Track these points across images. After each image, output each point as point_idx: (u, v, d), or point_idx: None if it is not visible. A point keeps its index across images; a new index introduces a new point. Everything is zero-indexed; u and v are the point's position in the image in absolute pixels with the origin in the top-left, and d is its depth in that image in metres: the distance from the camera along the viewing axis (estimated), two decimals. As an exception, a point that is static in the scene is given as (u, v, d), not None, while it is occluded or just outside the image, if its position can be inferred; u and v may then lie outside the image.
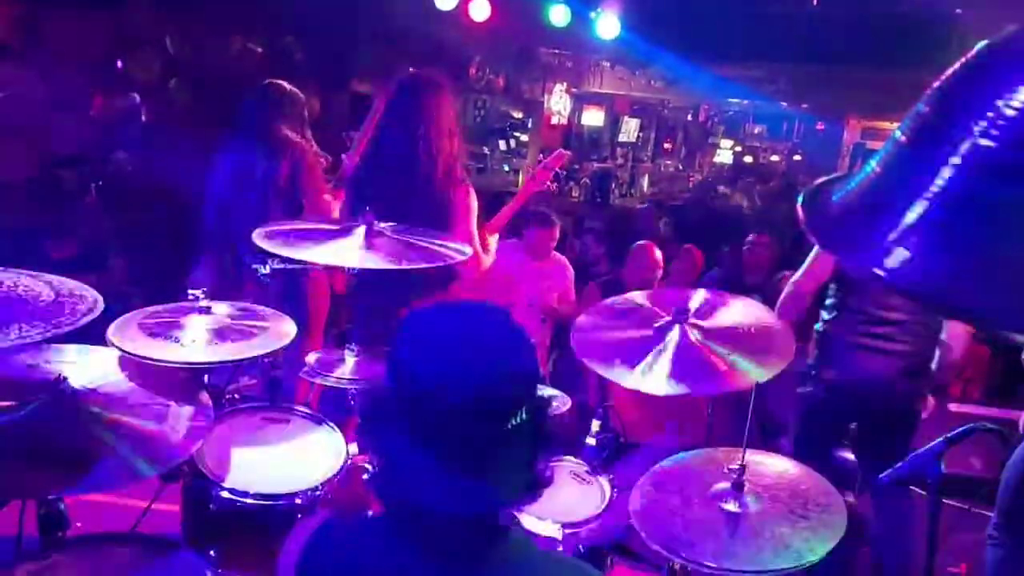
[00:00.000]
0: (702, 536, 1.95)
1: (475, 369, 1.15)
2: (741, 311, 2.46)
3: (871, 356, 3.29)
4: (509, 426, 1.16)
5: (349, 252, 2.42)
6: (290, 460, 2.33)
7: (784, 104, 11.07)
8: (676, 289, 2.75)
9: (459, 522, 1.18)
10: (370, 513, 1.35)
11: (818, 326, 3.47)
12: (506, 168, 10.21)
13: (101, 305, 1.91)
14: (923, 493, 2.40)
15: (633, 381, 2.21)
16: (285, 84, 3.96)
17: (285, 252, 2.43)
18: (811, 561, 1.87)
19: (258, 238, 2.48)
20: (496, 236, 3.55)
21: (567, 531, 2.19)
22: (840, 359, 3.34)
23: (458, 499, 1.16)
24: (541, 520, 2.21)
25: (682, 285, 5.02)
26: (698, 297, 2.50)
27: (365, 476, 2.33)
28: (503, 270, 4.45)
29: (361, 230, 2.50)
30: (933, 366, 3.38)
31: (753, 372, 2.20)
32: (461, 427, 1.14)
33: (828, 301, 3.45)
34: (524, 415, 1.17)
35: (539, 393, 1.22)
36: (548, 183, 3.96)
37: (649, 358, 2.26)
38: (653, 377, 2.21)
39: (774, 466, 2.21)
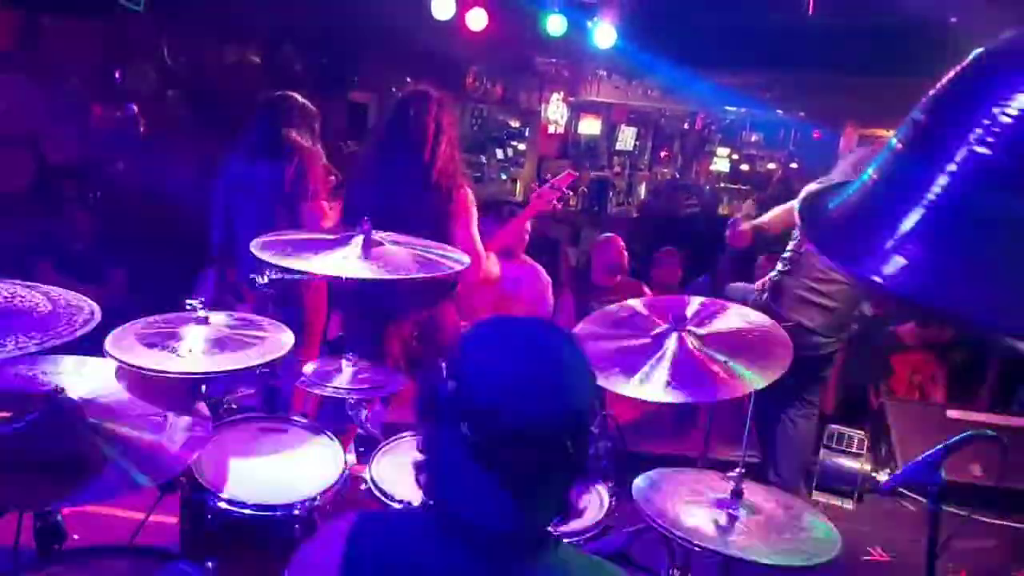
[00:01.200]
0: (708, 534, 1.95)
1: (540, 396, 1.16)
2: (738, 318, 2.46)
3: (811, 308, 3.69)
4: (560, 454, 1.17)
5: (347, 263, 2.42)
6: (288, 470, 2.33)
7: (781, 112, 11.08)
8: (672, 297, 2.74)
9: (497, 533, 1.19)
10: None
11: (773, 274, 3.87)
12: (503, 177, 10.22)
13: (99, 316, 1.91)
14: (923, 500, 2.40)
15: (631, 390, 2.21)
16: (298, 96, 3.96)
17: (283, 263, 2.43)
18: (823, 561, 1.87)
19: (256, 248, 2.48)
20: (493, 256, 3.55)
21: (566, 540, 2.18)
22: (786, 307, 3.72)
23: (497, 516, 1.18)
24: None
25: (664, 290, 5.04)
26: (694, 304, 2.50)
27: (363, 487, 2.33)
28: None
29: (359, 239, 2.50)
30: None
31: (751, 378, 2.20)
32: (514, 448, 1.15)
33: (786, 254, 3.84)
34: (574, 445, 1.18)
35: (592, 419, 1.23)
36: (554, 202, 3.97)
37: (647, 367, 2.26)
38: (651, 385, 2.21)
39: (760, 489, 2.22)
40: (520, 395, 1.16)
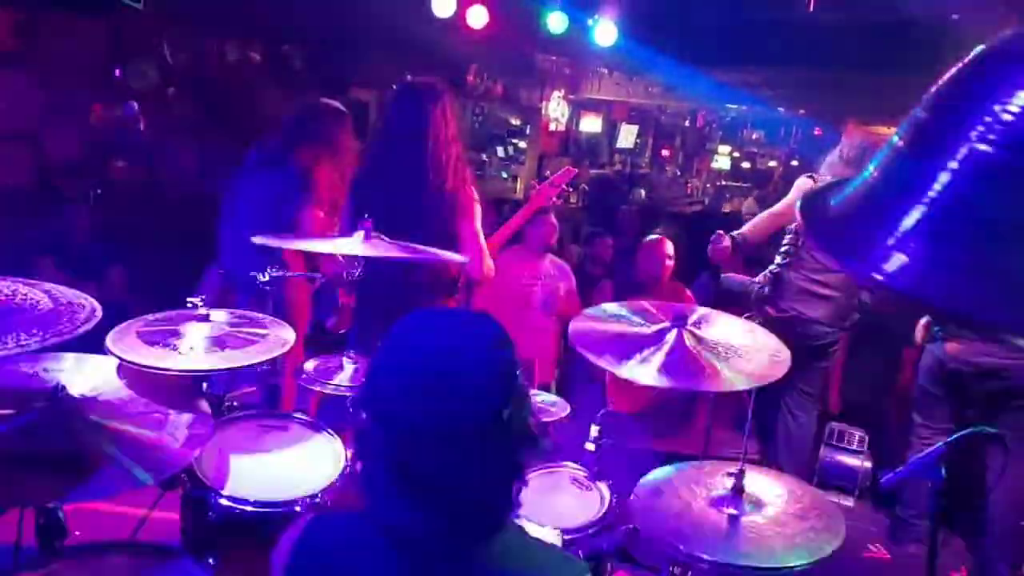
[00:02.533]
0: (710, 539, 1.95)
1: (438, 395, 1.12)
2: (739, 331, 2.46)
3: (813, 299, 3.82)
4: (466, 452, 1.14)
5: (349, 246, 2.43)
6: (289, 467, 2.33)
7: (782, 109, 11.08)
8: (681, 304, 2.77)
9: (417, 536, 1.17)
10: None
11: (773, 266, 3.99)
12: (504, 175, 10.22)
13: (99, 313, 1.91)
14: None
15: (626, 371, 2.23)
16: (331, 102, 3.96)
17: (285, 245, 2.45)
18: (824, 556, 1.88)
19: (257, 239, 2.49)
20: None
21: (567, 537, 2.18)
22: (787, 298, 3.87)
23: (409, 519, 1.16)
24: (541, 527, 2.20)
25: (649, 276, 5.03)
26: (699, 311, 2.52)
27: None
28: (515, 277, 4.46)
29: (360, 235, 2.50)
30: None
31: (739, 381, 2.23)
32: (417, 450, 1.14)
33: (783, 248, 3.96)
34: (487, 441, 1.14)
35: (508, 419, 1.15)
36: (553, 199, 3.96)
37: (643, 353, 2.29)
38: (644, 369, 2.24)
39: (766, 478, 2.22)
40: (417, 394, 1.12)
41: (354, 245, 2.43)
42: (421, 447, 1.14)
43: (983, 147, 0.73)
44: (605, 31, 7.07)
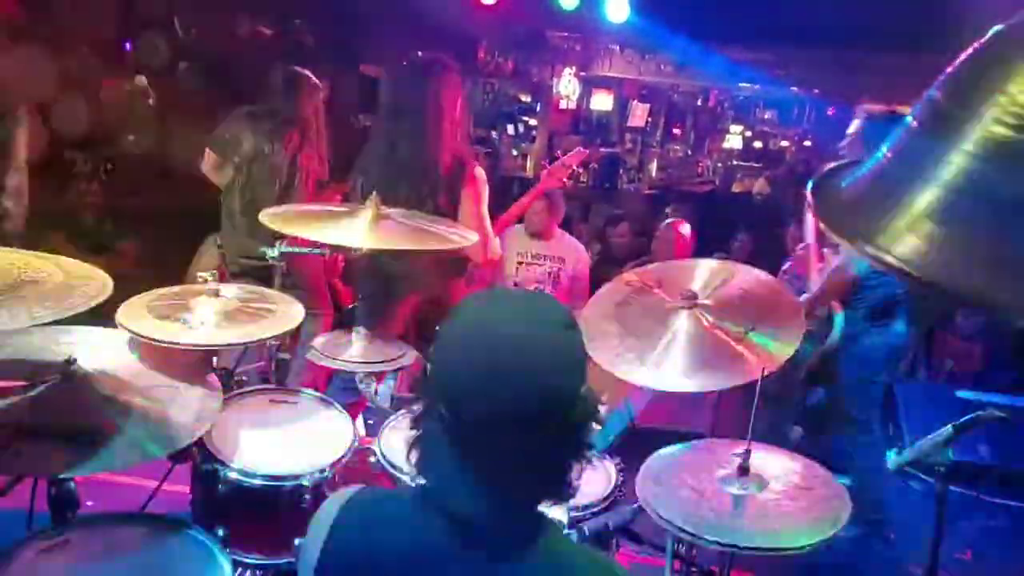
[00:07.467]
0: (715, 518, 1.96)
1: (510, 380, 1.10)
2: (746, 279, 2.39)
3: None
4: (539, 436, 1.13)
5: (356, 233, 2.42)
6: (297, 442, 2.35)
7: (795, 89, 10.96)
8: (674, 264, 2.61)
9: (473, 518, 1.16)
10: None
11: None
12: (514, 152, 10.16)
13: (110, 287, 1.92)
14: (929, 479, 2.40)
15: (645, 378, 2.18)
16: (306, 71, 3.97)
17: (293, 232, 2.45)
18: (827, 536, 1.88)
19: (266, 218, 2.49)
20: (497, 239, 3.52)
21: (573, 515, 2.19)
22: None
23: (472, 501, 1.15)
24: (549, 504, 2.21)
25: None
26: (701, 273, 2.44)
27: (372, 459, 2.35)
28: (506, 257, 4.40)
29: (368, 213, 2.49)
30: None
31: (771, 347, 2.15)
32: (487, 433, 1.12)
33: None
34: (558, 424, 1.13)
35: (579, 401, 1.15)
36: (565, 180, 3.92)
37: (660, 350, 2.22)
38: (667, 373, 2.17)
39: (773, 458, 2.21)
40: (488, 379, 1.10)
41: (360, 235, 2.42)
42: (495, 431, 1.12)
43: (999, 129, 0.72)
44: (617, 8, 7.00)
